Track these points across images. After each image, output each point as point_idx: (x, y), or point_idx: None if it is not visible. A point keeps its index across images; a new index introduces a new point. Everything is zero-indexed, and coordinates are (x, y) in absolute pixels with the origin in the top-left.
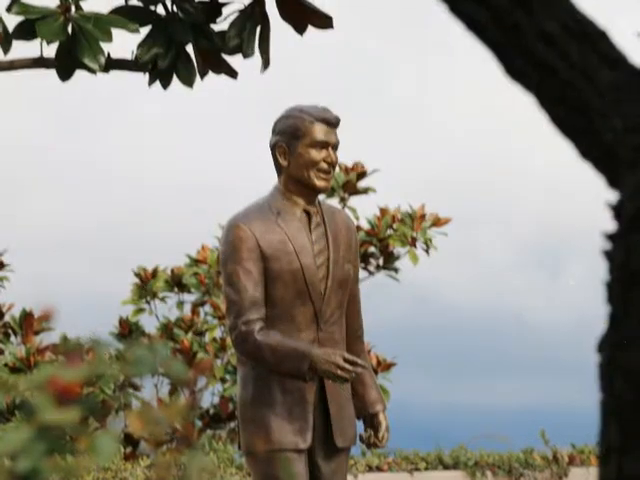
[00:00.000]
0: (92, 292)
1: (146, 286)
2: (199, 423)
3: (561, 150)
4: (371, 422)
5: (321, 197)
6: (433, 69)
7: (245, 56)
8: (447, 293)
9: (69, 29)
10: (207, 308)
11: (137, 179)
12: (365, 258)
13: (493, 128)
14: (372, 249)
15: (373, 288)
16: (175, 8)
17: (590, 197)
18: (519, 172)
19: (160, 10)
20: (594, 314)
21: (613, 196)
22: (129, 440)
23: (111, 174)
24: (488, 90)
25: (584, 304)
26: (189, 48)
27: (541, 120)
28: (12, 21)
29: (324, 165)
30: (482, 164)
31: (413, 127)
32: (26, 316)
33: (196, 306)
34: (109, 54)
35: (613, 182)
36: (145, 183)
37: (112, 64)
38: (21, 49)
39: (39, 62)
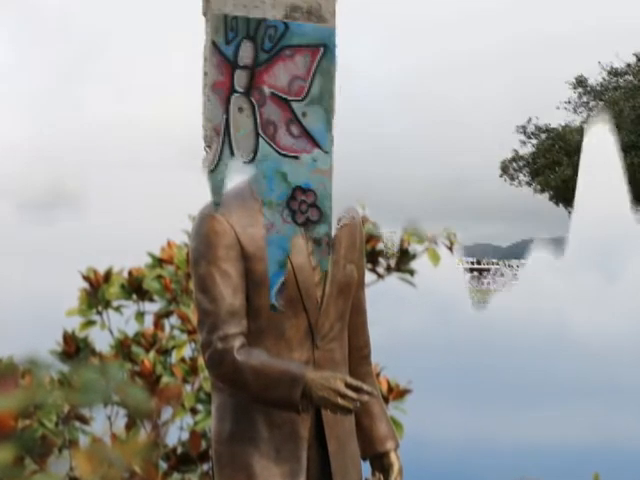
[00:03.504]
0: (29, 300)
1: (97, 292)
2: (164, 464)
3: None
4: (380, 463)
5: None
6: None
7: None
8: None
9: None
10: (174, 320)
11: (84, 150)
12: (373, 257)
13: (530, 92)
14: (381, 246)
15: (383, 295)
16: None
17: None
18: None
19: None
20: None
21: None
22: None
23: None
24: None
25: None
26: None
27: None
28: None
29: None
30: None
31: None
32: None
33: (160, 317)
34: None
35: None
36: (93, 159)
37: None
38: None
39: None
